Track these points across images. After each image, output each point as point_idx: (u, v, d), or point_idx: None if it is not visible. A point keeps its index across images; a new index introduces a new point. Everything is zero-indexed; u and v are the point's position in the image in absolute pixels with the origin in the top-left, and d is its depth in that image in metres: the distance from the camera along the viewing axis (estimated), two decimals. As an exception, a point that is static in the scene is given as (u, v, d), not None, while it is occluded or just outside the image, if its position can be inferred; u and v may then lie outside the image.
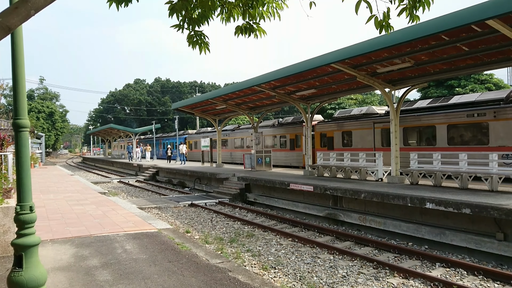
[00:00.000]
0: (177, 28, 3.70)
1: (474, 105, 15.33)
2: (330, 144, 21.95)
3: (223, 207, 16.73)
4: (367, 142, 19.75)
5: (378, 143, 19.13)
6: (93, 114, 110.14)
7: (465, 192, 10.90)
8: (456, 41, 10.44)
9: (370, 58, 12.42)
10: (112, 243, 7.57)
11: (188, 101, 25.63)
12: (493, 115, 14.25)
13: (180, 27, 3.71)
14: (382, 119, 18.95)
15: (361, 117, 20.71)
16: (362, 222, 11.95)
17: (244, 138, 31.48)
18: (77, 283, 5.36)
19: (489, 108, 14.53)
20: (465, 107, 15.58)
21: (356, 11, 3.13)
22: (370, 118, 19.91)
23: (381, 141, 19.00)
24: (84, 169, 48.49)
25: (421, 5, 3.31)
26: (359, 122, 20.39)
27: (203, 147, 30.56)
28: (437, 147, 16.08)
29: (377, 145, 19.15)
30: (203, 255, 6.91)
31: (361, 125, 20.20)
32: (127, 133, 47.58)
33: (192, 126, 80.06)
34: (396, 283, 7.42)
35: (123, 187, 25.74)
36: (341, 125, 21.44)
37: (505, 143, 13.85)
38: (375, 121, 19.42)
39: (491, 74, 33.68)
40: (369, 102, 45.33)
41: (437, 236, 9.86)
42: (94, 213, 10.93)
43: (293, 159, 25.28)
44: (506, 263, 8.54)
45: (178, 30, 3.70)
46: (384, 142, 18.61)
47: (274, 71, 15.69)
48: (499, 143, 14.04)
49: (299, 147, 24.66)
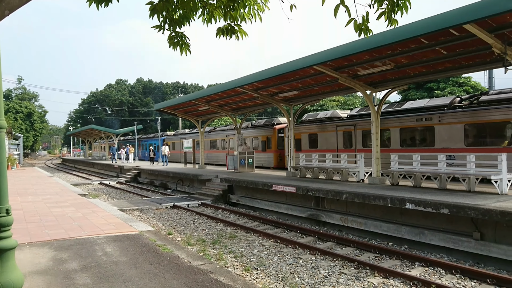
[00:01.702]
0: (158, 29, 3.68)
1: (423, 110, 16.47)
2: (298, 146, 22.70)
3: (206, 209, 16.66)
4: (331, 144, 20.70)
5: (340, 145, 20.11)
6: (73, 114, 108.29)
7: (444, 193, 11.12)
8: (435, 44, 10.66)
9: (351, 60, 12.57)
10: (92, 246, 7.46)
11: (171, 102, 25.45)
12: (438, 120, 15.39)
13: (161, 28, 3.69)
14: (344, 123, 19.98)
15: (326, 121, 21.64)
16: (344, 223, 12.07)
17: (219, 140, 32.03)
18: (55, 287, 5.26)
19: (435, 113, 15.63)
20: (415, 112, 16.67)
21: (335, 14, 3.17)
22: (333, 122, 20.83)
23: (343, 143, 19.94)
24: (63, 170, 47.61)
25: (399, 9, 3.37)
26: (324, 125, 21.34)
27: (186, 148, 30.41)
28: (392, 148, 17.08)
29: (339, 147, 20.13)
30: (185, 257, 6.87)
31: (325, 128, 21.16)
32: (108, 134, 46.94)
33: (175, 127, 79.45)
34: (377, 282, 7.52)
35: (104, 189, 25.36)
36: (308, 128, 22.29)
37: (448, 145, 14.99)
38: (337, 125, 20.31)
39: (468, 77, 34.53)
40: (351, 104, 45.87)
41: (417, 236, 10.04)
42: (73, 216, 10.75)
43: (264, 160, 26.10)
44: (483, 261, 8.75)
45: (159, 31, 3.68)
46: (346, 144, 19.67)
47: (257, 73, 15.72)
48: (443, 145, 15.16)
49: (270, 148, 25.68)
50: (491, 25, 9.10)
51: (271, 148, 25.73)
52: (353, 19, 3.37)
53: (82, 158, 61.06)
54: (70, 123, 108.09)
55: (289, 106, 19.19)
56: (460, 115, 14.81)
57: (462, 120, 14.66)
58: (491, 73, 41.25)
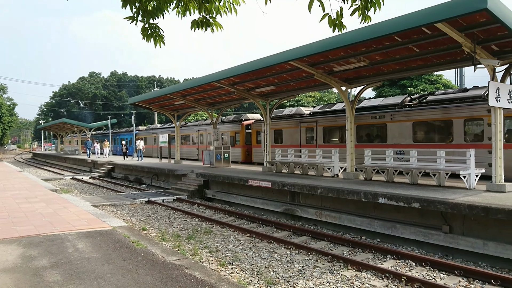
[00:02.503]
0: (131, 20, 3.59)
1: (377, 109, 17.43)
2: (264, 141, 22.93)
3: (181, 204, 16.54)
4: (294, 139, 21.45)
5: (303, 141, 20.89)
6: (44, 108, 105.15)
7: (415, 187, 11.41)
8: (408, 42, 10.87)
9: (327, 56, 12.68)
10: (63, 242, 7.29)
11: (146, 96, 25.06)
12: (390, 118, 16.45)
13: (134, 19, 3.61)
14: (307, 119, 20.81)
15: (290, 117, 22.36)
16: (319, 217, 12.22)
17: (190, 135, 32.44)
18: (24, 285, 5.12)
19: (388, 111, 16.68)
20: (371, 110, 17.64)
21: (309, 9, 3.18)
22: (297, 118, 21.55)
23: (305, 139, 20.83)
24: (34, 165, 46.27)
25: (372, 6, 3.41)
26: (288, 122, 22.07)
27: (161, 143, 30.10)
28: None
29: (302, 142, 20.90)
30: (159, 252, 6.81)
31: (290, 124, 21.90)
32: (81, 128, 45.84)
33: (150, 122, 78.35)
34: (350, 275, 7.66)
35: (76, 184, 24.80)
36: (274, 124, 22.59)
37: (398, 141, 16.07)
38: (301, 121, 21.11)
39: (440, 75, 35.40)
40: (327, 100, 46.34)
41: (389, 229, 10.27)
42: (44, 212, 10.47)
43: (233, 155, 26.54)
44: (451, 253, 9.04)
45: (132, 22, 3.60)
46: (308, 140, 20.60)
47: (233, 67, 15.65)
48: (394, 141, 16.24)
49: (238, 143, 26.37)
50: (461, 25, 9.34)
51: (239, 143, 26.44)
52: (328, 14, 3.39)
53: (54, 153, 59.44)
54: (41, 116, 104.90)
55: (265, 101, 19.22)
56: (409, 113, 15.90)
57: (410, 118, 15.76)
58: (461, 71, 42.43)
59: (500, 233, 8.46)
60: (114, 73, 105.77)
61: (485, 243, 8.43)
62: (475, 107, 13.86)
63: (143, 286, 5.08)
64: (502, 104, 10.11)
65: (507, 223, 8.29)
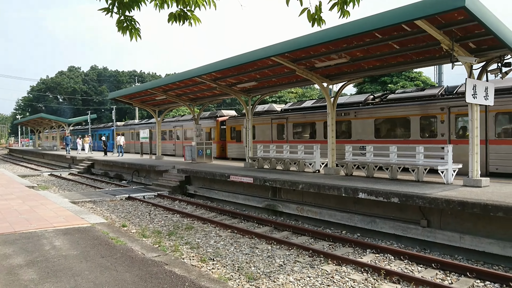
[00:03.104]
0: (105, 11, 3.50)
1: (344, 106, 18.03)
2: (238, 137, 24.38)
3: (162, 200, 16.39)
4: (266, 135, 22.14)
5: (275, 136, 21.53)
6: (21, 102, 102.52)
7: (395, 183, 11.58)
8: (389, 39, 10.98)
9: (308, 52, 12.70)
10: (39, 240, 7.14)
11: (126, 91, 24.67)
12: (354, 115, 17.22)
13: (109, 11, 3.51)
14: (278, 116, 21.39)
15: (263, 114, 22.99)
16: (300, 212, 12.29)
17: (167, 131, 32.84)
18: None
19: (352, 109, 17.43)
20: (338, 108, 17.80)
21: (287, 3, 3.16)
22: (269, 115, 22.23)
23: (277, 135, 21.44)
24: (10, 161, 45.18)
25: (351, 1, 3.41)
26: (261, 118, 22.56)
27: (142, 138, 29.80)
28: (317, 140, 18.68)
29: (274, 138, 21.55)
30: (139, 249, 6.74)
31: (262, 120, 22.46)
32: (59, 124, 44.86)
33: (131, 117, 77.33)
34: (330, 270, 7.73)
35: (55, 180, 24.31)
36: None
37: (362, 137, 16.85)
38: (272, 118, 21.70)
39: (420, 72, 35.97)
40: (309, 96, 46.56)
41: (369, 224, 10.41)
42: (20, 209, 10.22)
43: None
44: (429, 247, 9.22)
45: (107, 14, 3.50)
46: (279, 136, 21.25)
47: (215, 62, 15.53)
48: (358, 137, 17.04)
49: (213, 139, 26.90)
50: (440, 22, 9.48)
51: (214, 139, 26.86)
52: (306, 9, 3.37)
53: (32, 149, 58.11)
54: (18, 111, 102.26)
55: (247, 97, 19.17)
56: (371, 111, 16.67)
57: (372, 116, 16.55)
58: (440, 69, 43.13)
59: (476, 227, 8.68)
60: (94, 68, 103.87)
61: (461, 237, 8.63)
62: (430, 105, 14.66)
63: (122, 283, 5.02)
64: (479, 100, 10.32)
65: (482, 217, 8.50)
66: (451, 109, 13.93)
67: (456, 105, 13.74)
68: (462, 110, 13.36)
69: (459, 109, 13.61)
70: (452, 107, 13.92)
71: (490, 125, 13.01)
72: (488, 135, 12.99)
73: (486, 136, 12.99)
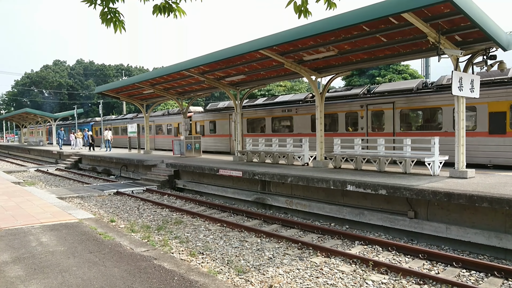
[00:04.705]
0: (89, 3, 3.43)
1: (287, 104, 20.07)
2: (202, 131, 25.97)
3: (151, 195, 16.31)
4: (225, 130, 23.73)
5: (233, 131, 22.48)
6: (5, 97, 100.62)
7: (382, 175, 11.68)
8: (376, 32, 11.01)
9: (297, 45, 12.68)
10: (26, 236, 7.05)
11: (113, 85, 24.37)
12: (295, 111, 19.18)
13: (92, 2, 3.44)
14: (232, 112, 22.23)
15: (222, 110, 24.55)
16: (289, 206, 12.34)
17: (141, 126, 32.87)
18: (-17, 281, 4.92)
19: (294, 106, 19.42)
20: (283, 105, 20.33)
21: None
22: (227, 111, 23.66)
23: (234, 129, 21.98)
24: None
25: (338, -7, 3.40)
26: (220, 114, 24.24)
27: (130, 133, 29.54)
28: (266, 133, 20.68)
29: (231, 132, 22.90)
30: (128, 244, 6.70)
31: (222, 116, 24.10)
32: (45, 118, 44.21)
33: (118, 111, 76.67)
34: (319, 262, 7.79)
35: (41, 176, 24.00)
36: (209, 116, 25.44)
37: (301, 131, 18.82)
38: (230, 113, 23.00)
39: (407, 65, 36.21)
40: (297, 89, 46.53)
41: (357, 216, 10.51)
42: (5, 205, 10.08)
43: None
44: (416, 238, 9.35)
45: (90, 5, 3.43)
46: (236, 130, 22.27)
47: (203, 56, 15.41)
48: (298, 131, 18.98)
49: (181, 134, 27.69)
50: (426, 15, 9.53)
51: (181, 133, 27.50)
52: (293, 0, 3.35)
53: (17, 144, 57.20)
54: (2, 106, 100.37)
55: (236, 90, 19.10)
56: (308, 108, 18.44)
57: (309, 112, 18.27)
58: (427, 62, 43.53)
59: (462, 218, 8.81)
60: (80, 62, 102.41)
61: (447, 227, 8.76)
62: (353, 103, 16.73)
63: (110, 279, 4.99)
64: (465, 93, 10.43)
65: (468, 208, 8.63)
66: (368, 107, 16.08)
67: (372, 103, 15.96)
68: (376, 107, 15.86)
69: (374, 107, 15.90)
70: (369, 105, 16.04)
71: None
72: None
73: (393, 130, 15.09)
